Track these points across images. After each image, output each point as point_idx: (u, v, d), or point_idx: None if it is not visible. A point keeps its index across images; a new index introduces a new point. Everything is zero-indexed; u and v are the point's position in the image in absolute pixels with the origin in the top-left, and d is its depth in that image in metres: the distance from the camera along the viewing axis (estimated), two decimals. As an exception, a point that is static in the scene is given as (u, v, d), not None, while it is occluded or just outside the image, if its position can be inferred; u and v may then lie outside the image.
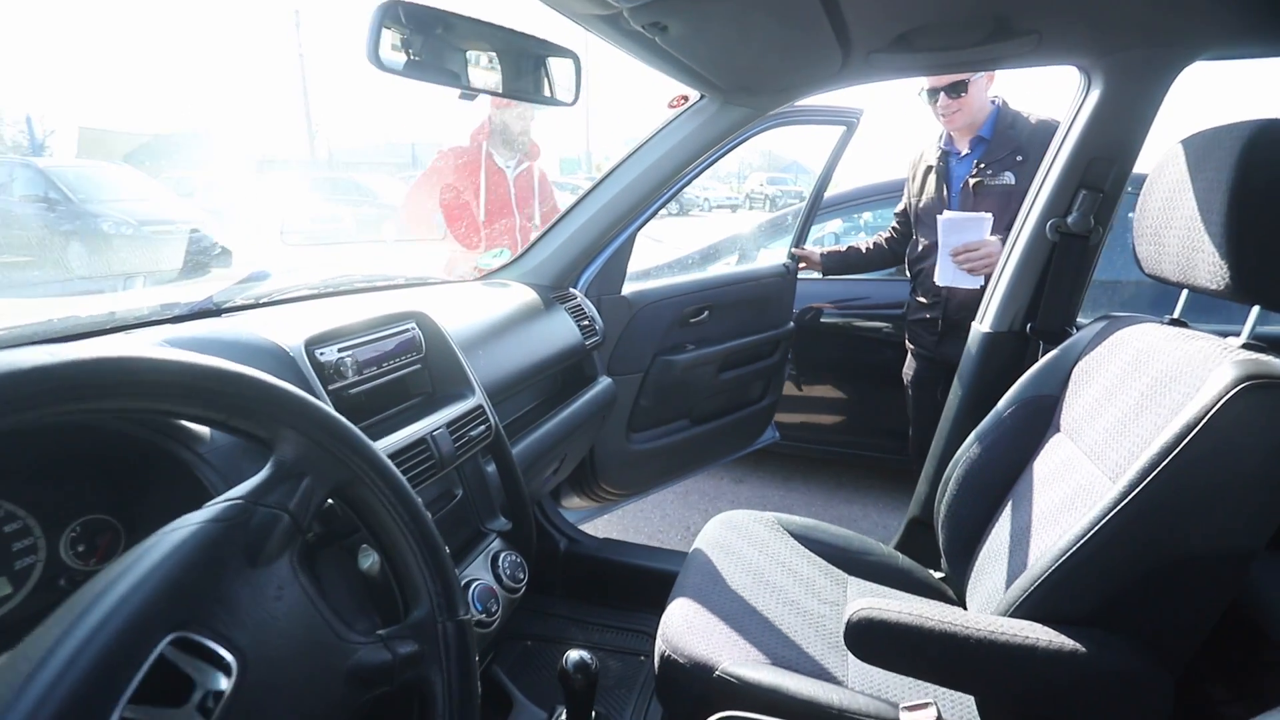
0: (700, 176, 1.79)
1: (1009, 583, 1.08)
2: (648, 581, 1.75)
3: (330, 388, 0.82)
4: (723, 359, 2.08)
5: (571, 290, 1.65)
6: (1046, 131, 1.68)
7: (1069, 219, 1.25)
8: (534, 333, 1.40)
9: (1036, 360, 1.35)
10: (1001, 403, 1.29)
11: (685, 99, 1.34)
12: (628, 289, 1.88)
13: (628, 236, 1.73)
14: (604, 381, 1.67)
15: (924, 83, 1.72)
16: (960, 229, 1.65)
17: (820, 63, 1.13)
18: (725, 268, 3.25)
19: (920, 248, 1.99)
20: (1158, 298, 2.24)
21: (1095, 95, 1.17)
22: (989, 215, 1.66)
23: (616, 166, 1.52)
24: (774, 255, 2.81)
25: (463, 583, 0.96)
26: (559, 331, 1.48)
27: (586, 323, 1.59)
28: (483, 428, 1.00)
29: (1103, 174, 1.21)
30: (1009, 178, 1.75)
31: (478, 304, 1.35)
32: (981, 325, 1.37)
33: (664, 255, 3.28)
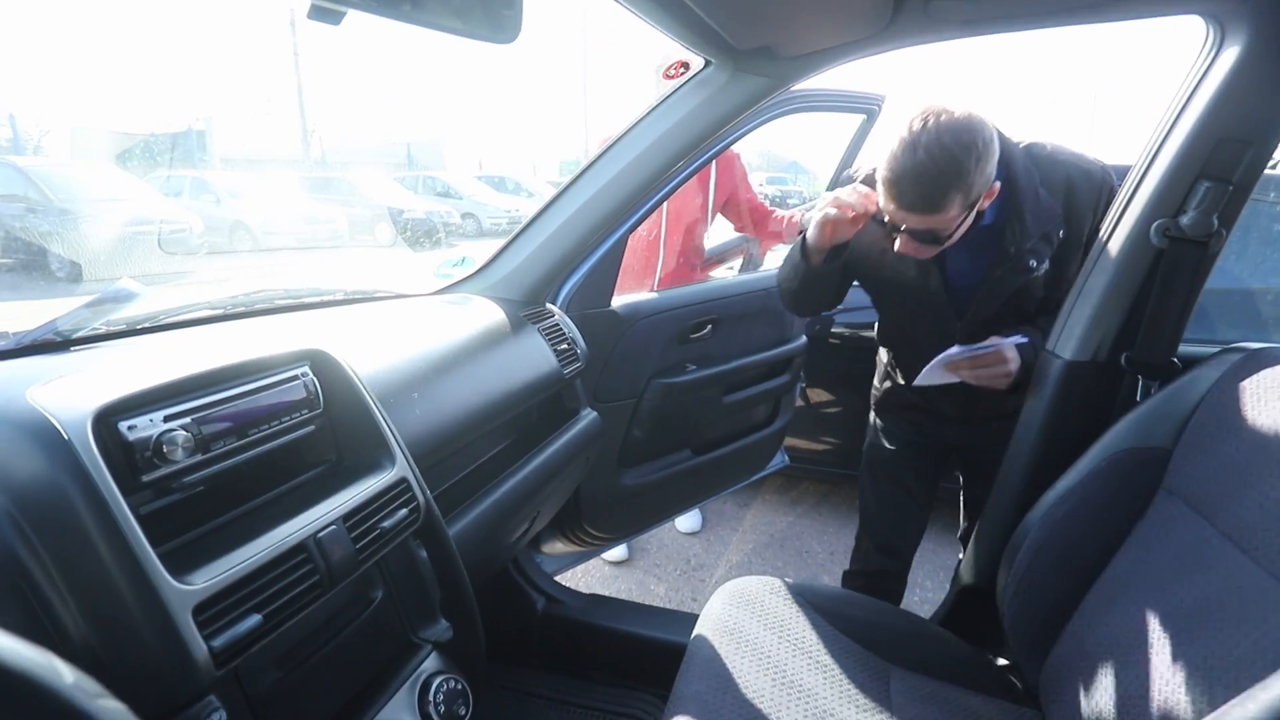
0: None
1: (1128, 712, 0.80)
2: (644, 651, 1.47)
3: (146, 478, 0.54)
4: (728, 380, 1.80)
5: (548, 306, 1.37)
6: (1091, 181, 1.12)
7: (1182, 219, 0.96)
8: (497, 362, 1.12)
9: (1134, 399, 1.07)
10: (1090, 454, 1.02)
11: (685, 66, 1.05)
12: (617, 301, 1.60)
13: (617, 239, 1.45)
14: (588, 415, 1.39)
15: (888, 200, 1.04)
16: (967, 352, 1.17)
17: (865, 11, 0.85)
18: (729, 274, 2.98)
19: (896, 329, 1.42)
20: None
21: (1230, 55, 0.89)
22: (1015, 341, 1.15)
23: (602, 154, 1.23)
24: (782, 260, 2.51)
25: (375, 732, 0.68)
26: (530, 358, 1.20)
27: (565, 346, 1.30)
28: (404, 512, 0.71)
29: (1232, 160, 0.92)
30: (1034, 263, 1.14)
31: (424, 327, 1.07)
32: (1059, 351, 1.09)
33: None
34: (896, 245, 1.11)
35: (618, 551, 2.46)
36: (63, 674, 0.27)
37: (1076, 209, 1.13)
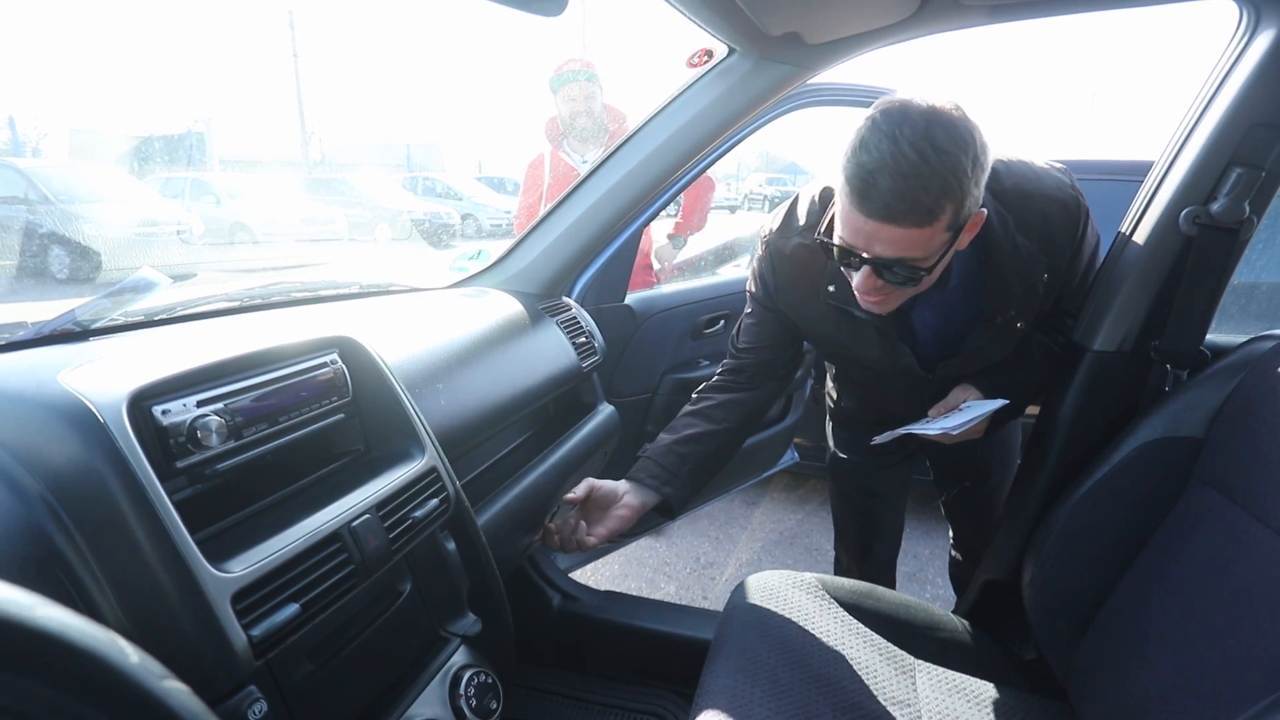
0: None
1: (1175, 709, 0.78)
2: (662, 648, 1.45)
3: (180, 464, 0.53)
4: (742, 376, 1.79)
5: (565, 299, 1.36)
6: (1068, 213, 0.96)
7: (1212, 206, 0.95)
8: (517, 354, 1.11)
9: (1163, 388, 1.06)
10: (1119, 445, 1.00)
11: (709, 54, 1.04)
12: (631, 296, 1.60)
13: (633, 233, 1.44)
14: (605, 410, 1.38)
15: (852, 209, 0.80)
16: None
17: (895, -4, 0.83)
18: (736, 270, 2.99)
19: (852, 383, 1.32)
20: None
21: (1264, 39, 0.88)
22: (994, 406, 1.04)
23: (620, 146, 1.22)
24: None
25: (406, 727, 0.67)
26: (549, 351, 1.19)
27: (583, 339, 1.29)
28: (434, 501, 0.70)
29: (1265, 145, 0.91)
30: (1021, 325, 1.04)
31: (444, 319, 1.06)
32: (1087, 341, 1.07)
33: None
34: (855, 282, 0.87)
35: None
36: (128, 654, 0.26)
37: (1055, 246, 0.98)
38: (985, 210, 0.85)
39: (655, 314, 1.64)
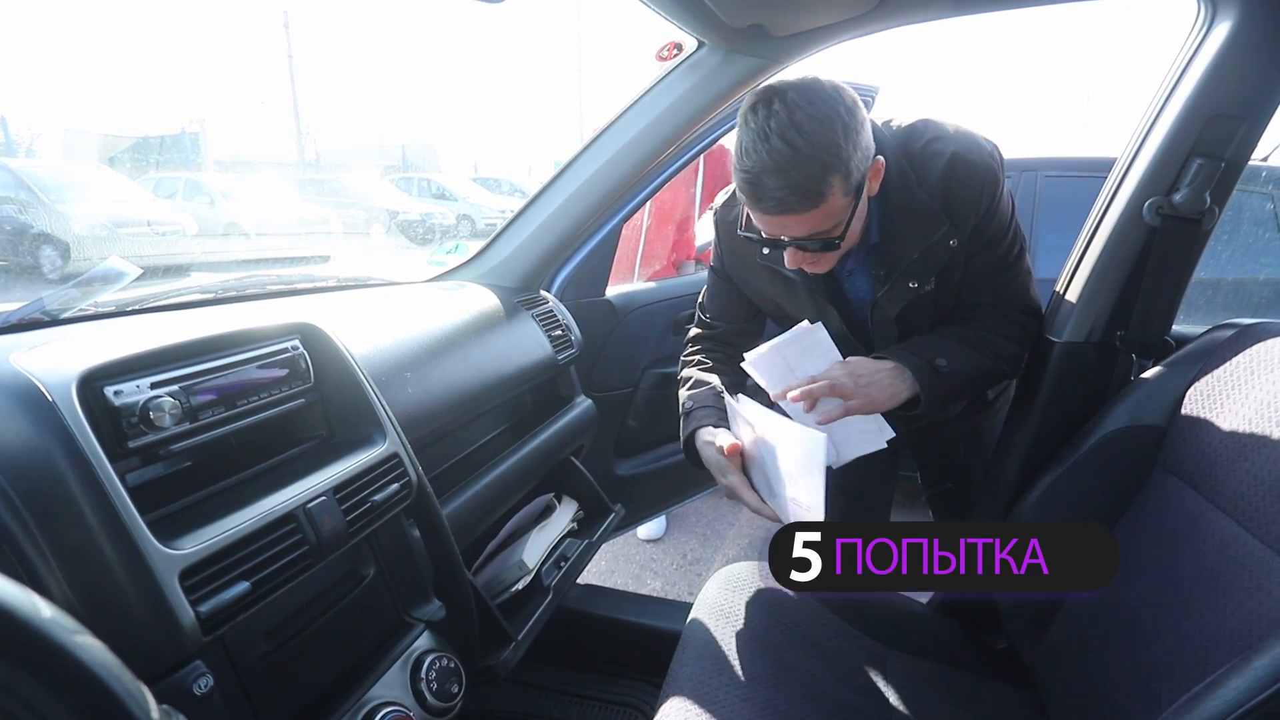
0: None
1: (1133, 691, 0.79)
2: (640, 640, 1.46)
3: (132, 444, 0.53)
4: (724, 371, 1.80)
5: (542, 293, 1.37)
6: (973, 170, 0.92)
7: (1175, 197, 0.96)
8: (491, 346, 1.11)
9: (1129, 378, 1.07)
10: (1085, 434, 1.02)
11: (678, 48, 1.05)
12: (612, 291, 1.60)
13: (612, 228, 1.45)
14: (583, 402, 1.38)
15: (754, 210, 0.87)
16: (785, 359, 1.01)
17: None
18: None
19: None
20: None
21: (1220, 32, 0.89)
22: (817, 330, 1.00)
23: (593, 140, 1.23)
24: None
25: (366, 709, 0.67)
26: (524, 343, 1.20)
27: (559, 332, 1.30)
28: (395, 486, 0.71)
29: (1224, 136, 0.92)
30: (913, 284, 1.00)
31: (416, 311, 1.06)
32: (1054, 334, 1.09)
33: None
34: (787, 260, 0.92)
35: (652, 528, 2.50)
36: (40, 608, 0.27)
37: (957, 207, 0.93)
38: (883, 159, 0.89)
39: (636, 309, 1.64)
